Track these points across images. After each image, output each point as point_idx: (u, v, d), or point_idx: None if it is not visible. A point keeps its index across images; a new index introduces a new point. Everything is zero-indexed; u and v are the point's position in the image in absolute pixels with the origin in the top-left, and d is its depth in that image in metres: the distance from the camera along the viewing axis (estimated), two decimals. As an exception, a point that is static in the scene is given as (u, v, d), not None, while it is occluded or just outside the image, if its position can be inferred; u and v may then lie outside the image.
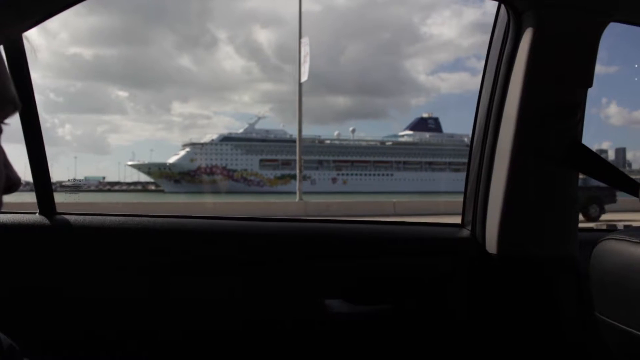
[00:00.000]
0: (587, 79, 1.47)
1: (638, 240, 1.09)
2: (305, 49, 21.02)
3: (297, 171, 21.58)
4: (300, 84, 20.79)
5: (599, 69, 1.51)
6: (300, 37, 21.59)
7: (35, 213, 1.48)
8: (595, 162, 1.51)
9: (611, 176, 1.50)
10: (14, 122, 0.59)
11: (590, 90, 1.50)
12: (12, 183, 0.57)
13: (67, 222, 1.47)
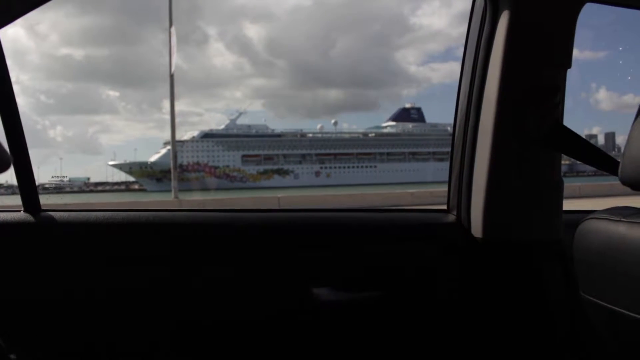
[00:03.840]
0: (565, 60, 1.49)
1: (618, 219, 1.10)
2: (173, 40, 19.39)
3: (172, 170, 19.92)
4: (171, 76, 19.22)
5: (587, 54, 1.53)
6: (170, 26, 19.94)
7: (20, 211, 1.47)
8: (577, 143, 1.53)
9: (593, 157, 1.52)
10: None
11: (579, 75, 1.51)
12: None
13: (52, 218, 1.47)
